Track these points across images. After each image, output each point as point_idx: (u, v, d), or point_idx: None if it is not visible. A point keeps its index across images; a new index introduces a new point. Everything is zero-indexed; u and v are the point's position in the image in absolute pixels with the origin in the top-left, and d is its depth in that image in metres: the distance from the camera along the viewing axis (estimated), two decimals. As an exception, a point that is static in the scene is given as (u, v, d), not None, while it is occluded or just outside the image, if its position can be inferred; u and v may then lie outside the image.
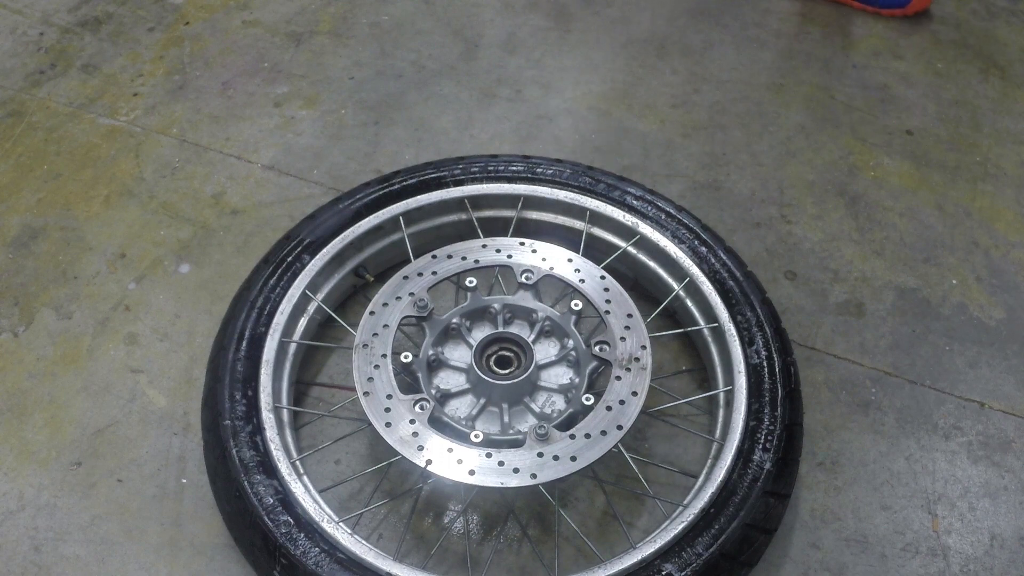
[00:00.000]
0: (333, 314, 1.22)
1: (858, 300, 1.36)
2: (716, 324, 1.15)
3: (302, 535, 0.97)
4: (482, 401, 1.08)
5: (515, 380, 1.07)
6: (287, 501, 0.99)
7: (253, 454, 1.02)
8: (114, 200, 1.44)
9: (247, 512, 0.99)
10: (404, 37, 1.73)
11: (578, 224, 1.28)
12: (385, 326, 1.09)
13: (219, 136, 1.54)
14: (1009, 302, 1.37)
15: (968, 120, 1.63)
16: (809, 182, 1.51)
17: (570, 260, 1.16)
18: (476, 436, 1.01)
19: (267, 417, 1.06)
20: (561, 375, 1.12)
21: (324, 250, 1.20)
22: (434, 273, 1.14)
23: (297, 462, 1.05)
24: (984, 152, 1.58)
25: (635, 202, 1.26)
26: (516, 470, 0.97)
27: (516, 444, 1.02)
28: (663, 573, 0.95)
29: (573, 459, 0.98)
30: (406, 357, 1.08)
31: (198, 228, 1.40)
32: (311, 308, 1.20)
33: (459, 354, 1.13)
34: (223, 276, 1.34)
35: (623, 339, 1.09)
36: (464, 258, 1.15)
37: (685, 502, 1.02)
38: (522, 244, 1.18)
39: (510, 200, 1.28)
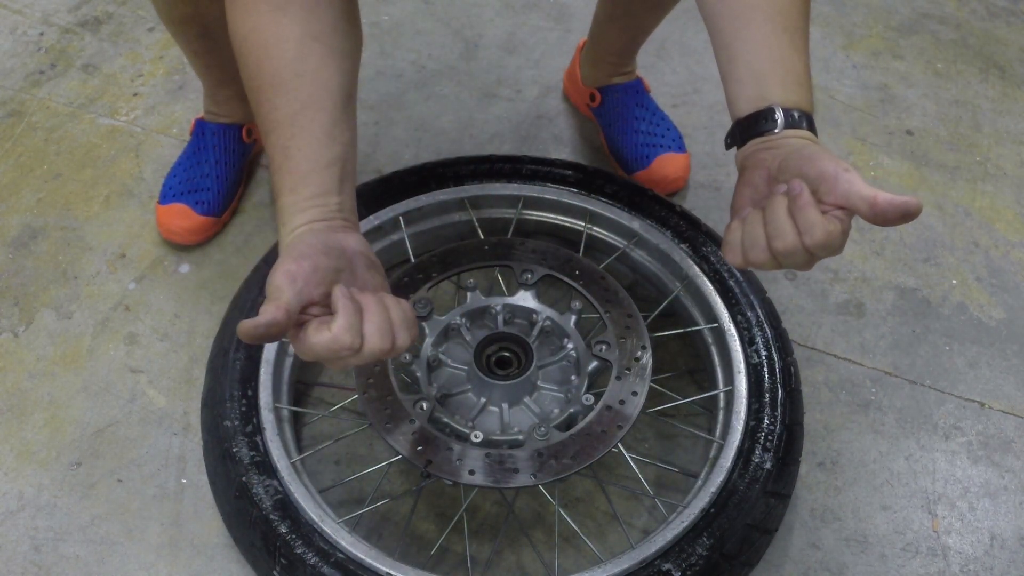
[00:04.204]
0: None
1: (858, 300, 1.36)
2: (716, 324, 1.15)
3: (302, 535, 0.97)
4: (482, 401, 1.08)
5: (515, 380, 1.07)
6: (287, 501, 0.99)
7: (253, 454, 1.02)
8: (114, 200, 1.44)
9: (247, 512, 0.99)
10: (404, 37, 1.73)
11: (578, 224, 1.28)
12: (385, 326, 1.09)
13: (219, 136, 1.54)
14: (1009, 302, 1.37)
15: (968, 120, 1.63)
16: (809, 182, 1.51)
17: (570, 260, 1.16)
18: (476, 436, 1.02)
19: (267, 417, 1.06)
20: (561, 375, 1.12)
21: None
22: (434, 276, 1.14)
23: (297, 462, 1.05)
24: (984, 152, 1.58)
25: (635, 202, 1.26)
26: (516, 470, 0.97)
27: (516, 444, 1.02)
28: (663, 573, 0.95)
29: (573, 459, 0.98)
30: (406, 357, 1.09)
31: (198, 228, 1.40)
32: (311, 308, 1.20)
33: (459, 354, 1.13)
34: (223, 276, 1.34)
35: (623, 339, 1.09)
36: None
37: (685, 502, 1.02)
38: (522, 244, 1.18)
39: (510, 200, 1.28)
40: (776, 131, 0.81)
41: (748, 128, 0.84)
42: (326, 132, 0.84)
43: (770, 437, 1.04)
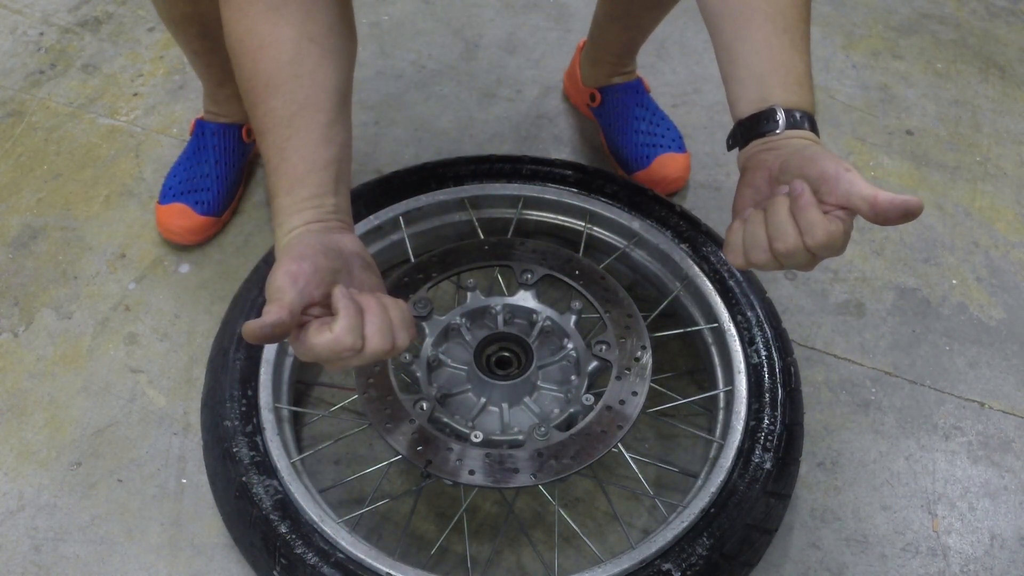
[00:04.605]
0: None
1: (858, 300, 1.36)
2: (716, 324, 1.15)
3: (302, 535, 0.97)
4: (482, 401, 1.08)
5: (515, 380, 1.07)
6: (287, 501, 0.99)
7: (253, 454, 1.02)
8: (114, 200, 1.44)
9: (247, 512, 0.99)
10: (404, 37, 1.73)
11: (578, 224, 1.28)
12: (385, 326, 1.09)
13: (219, 136, 1.54)
14: (1009, 302, 1.37)
15: (968, 120, 1.63)
16: (809, 182, 1.51)
17: (570, 260, 1.16)
18: (476, 436, 1.02)
19: (267, 417, 1.06)
20: (561, 375, 1.12)
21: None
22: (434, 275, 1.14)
23: (297, 462, 1.05)
24: (984, 152, 1.58)
25: (635, 202, 1.26)
26: (516, 470, 0.97)
27: (516, 444, 1.02)
28: (663, 573, 0.95)
29: (573, 459, 0.98)
30: (406, 357, 1.09)
31: (198, 228, 1.40)
32: (311, 308, 1.19)
33: (459, 354, 1.13)
34: (223, 276, 1.34)
35: (623, 339, 1.09)
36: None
37: (685, 502, 1.02)
38: (522, 244, 1.18)
39: (510, 200, 1.28)
40: (777, 132, 0.81)
41: (750, 129, 0.84)
42: (323, 133, 0.84)
43: (770, 437, 1.04)
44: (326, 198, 0.83)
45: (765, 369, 1.10)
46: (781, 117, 0.81)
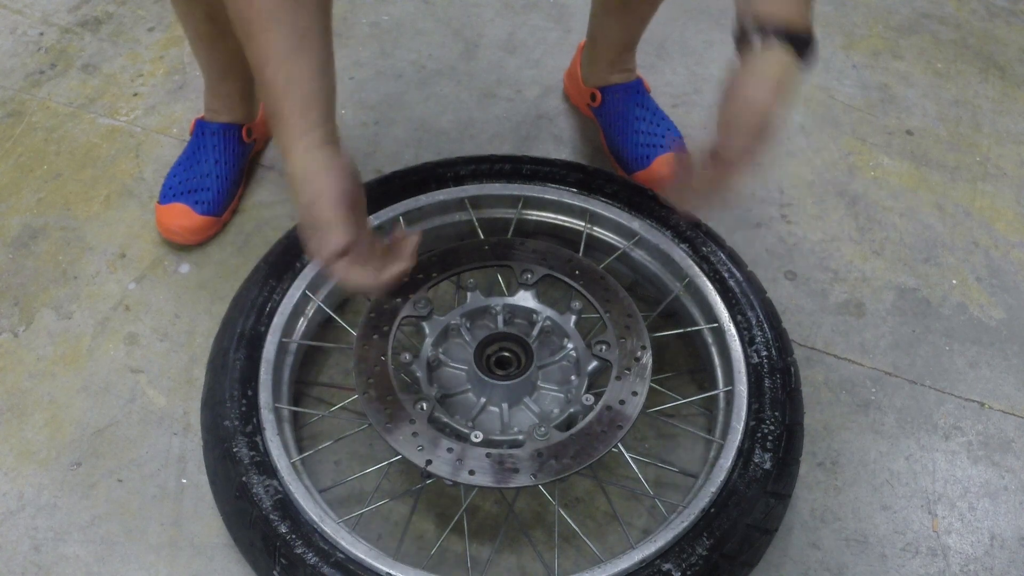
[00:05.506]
0: (333, 314, 1.22)
1: (858, 300, 1.36)
2: (716, 324, 1.15)
3: (302, 535, 0.97)
4: (482, 401, 1.08)
5: (515, 380, 1.07)
6: (287, 501, 0.99)
7: (253, 454, 1.02)
8: (114, 200, 1.44)
9: (247, 512, 0.99)
10: (404, 37, 1.73)
11: (578, 224, 1.28)
12: (386, 327, 1.09)
13: (219, 136, 1.54)
14: (1009, 302, 1.37)
15: (968, 120, 1.63)
16: (809, 182, 1.51)
17: (570, 260, 1.16)
18: (476, 436, 1.02)
19: (267, 417, 1.06)
20: (561, 375, 1.12)
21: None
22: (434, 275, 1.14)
23: (297, 462, 1.05)
24: (984, 152, 1.58)
25: (635, 202, 1.26)
26: (516, 470, 0.97)
27: (516, 444, 1.02)
28: (663, 573, 0.95)
29: (573, 459, 0.98)
30: (406, 357, 1.09)
31: (198, 228, 1.40)
32: (311, 309, 1.20)
33: (459, 354, 1.13)
34: (223, 276, 1.34)
35: (623, 339, 1.09)
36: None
37: (685, 502, 1.02)
38: (522, 244, 1.18)
39: (510, 200, 1.28)
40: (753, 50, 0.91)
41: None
42: (323, 63, 0.93)
43: (770, 437, 1.04)
44: (331, 122, 0.93)
45: (765, 369, 1.10)
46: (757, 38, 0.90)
